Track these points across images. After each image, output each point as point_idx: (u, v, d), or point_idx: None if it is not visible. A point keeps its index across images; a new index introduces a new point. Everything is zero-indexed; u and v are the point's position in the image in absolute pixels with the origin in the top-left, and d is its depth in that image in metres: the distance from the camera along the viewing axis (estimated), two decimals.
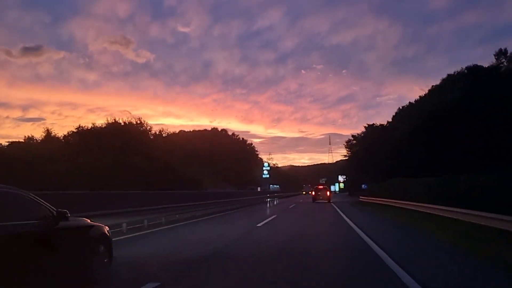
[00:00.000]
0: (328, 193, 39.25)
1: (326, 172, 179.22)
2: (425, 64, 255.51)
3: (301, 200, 44.62)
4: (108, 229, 6.48)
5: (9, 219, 4.27)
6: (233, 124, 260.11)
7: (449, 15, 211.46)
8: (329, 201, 36.94)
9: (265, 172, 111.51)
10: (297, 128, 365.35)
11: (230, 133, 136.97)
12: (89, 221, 6.08)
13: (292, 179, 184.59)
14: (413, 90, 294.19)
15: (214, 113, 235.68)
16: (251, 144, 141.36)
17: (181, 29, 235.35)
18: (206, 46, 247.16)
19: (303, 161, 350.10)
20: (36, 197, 4.94)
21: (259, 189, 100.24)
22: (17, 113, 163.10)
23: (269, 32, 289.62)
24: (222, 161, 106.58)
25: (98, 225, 6.20)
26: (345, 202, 39.53)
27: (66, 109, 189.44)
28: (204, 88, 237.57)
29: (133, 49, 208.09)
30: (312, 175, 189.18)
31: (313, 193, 40.18)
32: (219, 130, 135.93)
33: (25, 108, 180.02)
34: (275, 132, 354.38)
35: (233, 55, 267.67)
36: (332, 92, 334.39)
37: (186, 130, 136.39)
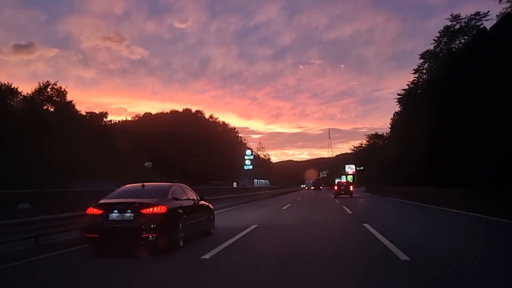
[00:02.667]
0: (351, 187, 37.23)
1: (326, 166, 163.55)
2: None
3: (264, 217, 16.15)
4: (212, 206, 10.93)
5: (182, 199, 8.73)
6: (231, 120, 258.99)
7: (448, 8, 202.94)
8: (351, 196, 34.73)
9: (247, 162, 79.60)
10: (295, 124, 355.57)
11: (207, 116, 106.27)
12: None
13: (290, 174, 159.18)
14: None
15: (213, 110, 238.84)
16: (235, 129, 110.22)
17: (178, 25, 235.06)
18: (204, 42, 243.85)
19: (302, 156, 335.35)
20: (191, 188, 9.97)
21: (235, 184, 69.06)
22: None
23: (266, 27, 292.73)
24: (183, 148, 75.92)
25: (209, 204, 10.62)
26: None
27: None
28: (202, 85, 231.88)
29: (131, 46, 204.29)
30: (313, 169, 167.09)
31: (336, 188, 38.17)
32: (193, 112, 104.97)
33: None
34: (274, 128, 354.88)
35: (230, 51, 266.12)
36: (330, 87, 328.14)
37: (153, 113, 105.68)
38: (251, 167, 79.78)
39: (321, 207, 21.69)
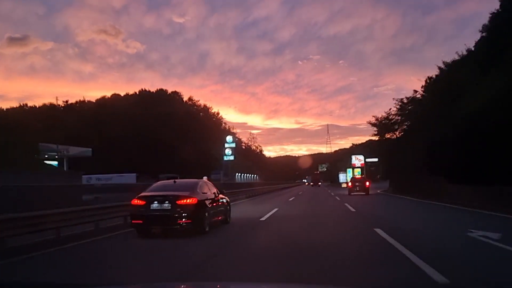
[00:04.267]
0: (367, 183, 30.82)
1: (325, 161, 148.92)
2: (424, 54, 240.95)
3: None
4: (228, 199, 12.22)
5: (207, 192, 10.00)
6: (230, 116, 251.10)
7: (447, 3, 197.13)
8: (367, 194, 28.98)
9: (228, 151, 60.66)
10: (294, 119, 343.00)
11: (186, 98, 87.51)
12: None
13: (286, 169, 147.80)
14: (411, 81, 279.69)
15: (212, 105, 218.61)
16: (218, 114, 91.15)
17: (177, 19, 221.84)
18: (203, 37, 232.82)
19: (300, 152, 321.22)
20: (213, 184, 11.39)
21: (205, 178, 50.37)
22: (14, 105, 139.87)
23: (266, 22, 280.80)
24: (138, 134, 57.85)
25: (226, 197, 11.72)
26: None
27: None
28: (201, 80, 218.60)
29: (129, 40, 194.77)
30: (310, 164, 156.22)
31: (350, 184, 32.21)
32: (169, 93, 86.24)
33: (21, 100, 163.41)
34: (273, 123, 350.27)
35: (229, 46, 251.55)
36: (330, 83, 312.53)
37: (122, 95, 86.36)
38: (232, 157, 60.82)
39: None
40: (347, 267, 5.59)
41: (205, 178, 48.19)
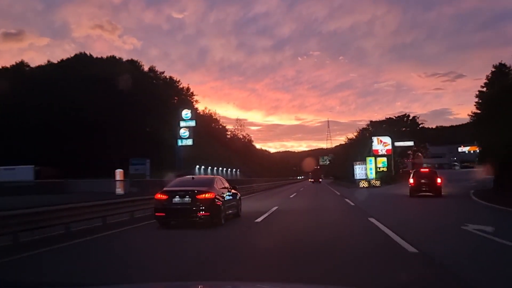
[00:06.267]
0: (438, 180, 20.57)
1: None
2: (424, 51, 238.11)
3: None
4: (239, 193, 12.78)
5: (222, 188, 10.75)
6: (230, 112, 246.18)
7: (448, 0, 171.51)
8: (439, 194, 20.02)
9: (184, 132, 37.25)
10: (294, 116, 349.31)
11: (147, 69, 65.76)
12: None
13: (284, 164, 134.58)
14: (412, 77, 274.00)
15: (212, 101, 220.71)
16: (188, 90, 68.65)
17: (176, 15, 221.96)
18: (202, 33, 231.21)
19: (300, 148, 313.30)
20: (226, 180, 12.06)
21: (118, 175, 28.25)
22: None
23: (266, 18, 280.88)
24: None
25: (238, 192, 12.34)
26: None
27: None
28: (201, 76, 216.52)
29: (129, 37, 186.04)
30: (311, 160, 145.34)
31: (413, 181, 21.07)
32: (124, 61, 64.45)
33: None
34: (273, 120, 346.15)
35: (229, 42, 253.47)
36: (330, 79, 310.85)
37: (55, 62, 63.34)
38: (189, 141, 37.58)
39: None
40: None
41: (118, 171, 26.31)
